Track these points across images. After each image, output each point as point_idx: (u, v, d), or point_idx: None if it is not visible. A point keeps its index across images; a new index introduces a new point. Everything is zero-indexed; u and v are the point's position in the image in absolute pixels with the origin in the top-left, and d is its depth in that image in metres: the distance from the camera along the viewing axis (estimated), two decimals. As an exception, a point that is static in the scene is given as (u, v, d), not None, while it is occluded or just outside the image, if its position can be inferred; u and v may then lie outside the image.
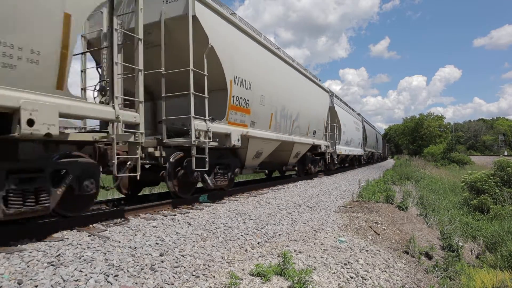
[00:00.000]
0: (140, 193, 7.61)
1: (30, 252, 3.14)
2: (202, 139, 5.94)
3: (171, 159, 6.01)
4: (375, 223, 6.33)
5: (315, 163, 13.54)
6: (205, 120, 6.06)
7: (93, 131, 5.50)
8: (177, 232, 4.20)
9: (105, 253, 3.25)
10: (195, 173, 6.09)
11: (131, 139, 4.50)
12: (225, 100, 6.69)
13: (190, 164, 5.89)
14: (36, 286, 2.53)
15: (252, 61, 7.79)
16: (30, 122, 3.19)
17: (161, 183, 7.41)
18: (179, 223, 4.65)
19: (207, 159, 5.97)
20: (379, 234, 5.74)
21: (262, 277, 3.19)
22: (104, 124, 5.70)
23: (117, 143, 4.39)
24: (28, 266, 2.82)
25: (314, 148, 12.95)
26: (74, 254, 3.17)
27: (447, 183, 18.52)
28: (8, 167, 3.37)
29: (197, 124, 5.88)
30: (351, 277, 3.61)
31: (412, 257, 5.05)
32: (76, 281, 2.67)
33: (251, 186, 9.21)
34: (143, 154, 5.39)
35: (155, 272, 3.04)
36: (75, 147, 4.26)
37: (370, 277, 3.71)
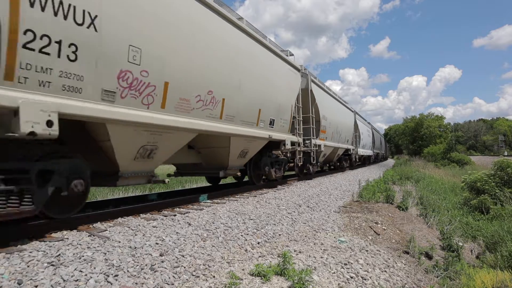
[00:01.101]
0: (140, 193, 7.62)
1: (30, 252, 3.14)
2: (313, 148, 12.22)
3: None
4: (375, 223, 6.33)
5: (345, 160, 20.34)
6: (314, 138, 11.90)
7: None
8: (177, 232, 4.20)
9: (105, 253, 3.25)
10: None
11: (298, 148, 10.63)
12: (319, 127, 13.10)
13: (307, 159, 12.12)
14: (36, 286, 2.53)
15: (329, 108, 14.88)
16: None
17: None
18: (179, 223, 4.65)
19: (314, 157, 12.10)
20: (379, 234, 5.74)
21: (262, 277, 3.19)
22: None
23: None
24: (28, 266, 2.82)
25: (346, 151, 19.22)
26: (74, 254, 3.16)
27: (447, 183, 18.52)
28: None
29: (314, 141, 12.21)
30: (351, 277, 3.61)
31: (412, 257, 5.04)
32: (76, 281, 2.67)
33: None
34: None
35: (155, 272, 3.04)
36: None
37: (370, 277, 3.71)
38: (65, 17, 3.58)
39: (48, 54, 3.47)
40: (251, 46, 7.62)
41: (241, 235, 4.48)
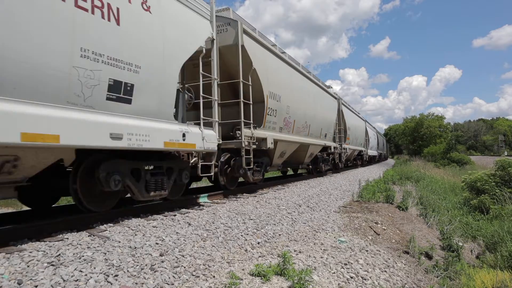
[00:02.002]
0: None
1: (30, 252, 3.14)
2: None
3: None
4: (375, 223, 6.33)
5: (358, 159, 25.24)
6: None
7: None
8: (177, 232, 4.20)
9: (105, 253, 3.25)
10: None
11: (336, 151, 15.58)
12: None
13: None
14: (36, 286, 2.53)
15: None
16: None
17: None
18: (179, 223, 4.65)
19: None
20: (379, 234, 5.74)
21: (262, 277, 3.19)
22: None
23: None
24: (28, 266, 2.82)
25: (360, 152, 23.15)
26: (74, 254, 3.16)
27: (447, 183, 18.52)
28: None
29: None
30: (351, 277, 3.61)
31: (412, 257, 5.04)
32: (76, 281, 2.67)
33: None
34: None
35: (155, 272, 3.04)
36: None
37: (370, 277, 3.71)
38: (278, 100, 9.26)
39: (273, 115, 9.00)
40: (317, 90, 13.48)
41: (241, 235, 4.48)
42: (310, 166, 14.45)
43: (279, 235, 4.85)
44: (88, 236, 3.81)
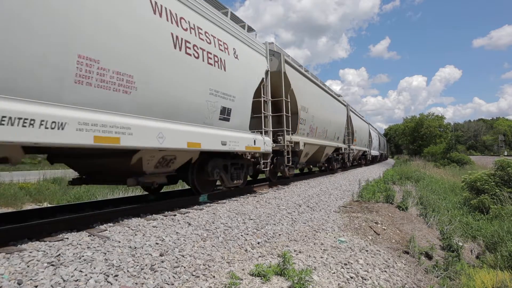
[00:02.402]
0: (140, 193, 7.62)
1: (30, 252, 3.14)
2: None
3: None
4: (375, 223, 6.33)
5: (362, 159, 27.40)
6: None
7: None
8: (177, 232, 4.20)
9: (105, 253, 3.25)
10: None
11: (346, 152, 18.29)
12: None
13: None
14: (36, 286, 2.53)
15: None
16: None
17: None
18: (179, 223, 4.65)
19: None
20: (379, 234, 5.74)
21: (262, 277, 3.19)
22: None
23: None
24: (28, 266, 2.82)
25: (364, 152, 25.23)
26: (74, 254, 3.16)
27: (447, 183, 18.52)
28: None
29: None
30: (351, 277, 3.61)
31: (412, 257, 5.04)
32: (76, 281, 2.67)
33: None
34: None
35: (155, 272, 3.04)
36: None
37: (370, 277, 3.71)
38: (307, 112, 11.41)
39: (303, 124, 11.13)
40: (332, 101, 15.82)
41: (241, 235, 4.48)
42: (326, 165, 16.83)
43: (279, 235, 4.85)
44: (88, 236, 3.81)
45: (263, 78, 8.23)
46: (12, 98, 3.11)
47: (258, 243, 4.36)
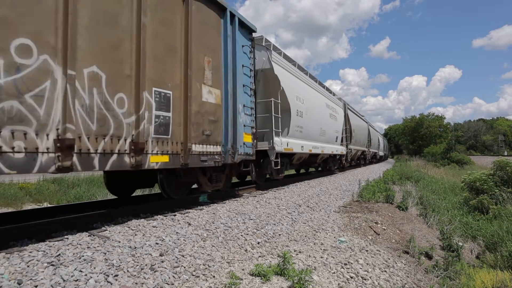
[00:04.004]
0: (140, 193, 7.61)
1: (30, 252, 3.14)
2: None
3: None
4: (375, 223, 6.33)
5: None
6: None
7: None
8: (177, 232, 4.20)
9: (105, 253, 3.25)
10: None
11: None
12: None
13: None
14: (36, 286, 2.53)
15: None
16: None
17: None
18: (179, 223, 4.65)
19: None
20: (379, 234, 5.74)
21: (262, 277, 3.19)
22: None
23: None
24: (28, 266, 2.82)
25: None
26: (74, 254, 3.16)
27: (447, 183, 18.52)
28: None
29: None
30: (351, 277, 3.61)
31: (412, 257, 5.04)
32: (76, 281, 2.67)
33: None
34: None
35: (155, 272, 3.04)
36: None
37: (370, 277, 3.71)
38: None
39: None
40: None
41: (241, 235, 4.48)
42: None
43: (279, 235, 4.85)
44: (88, 236, 3.81)
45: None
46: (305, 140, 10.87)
47: (258, 243, 4.36)
